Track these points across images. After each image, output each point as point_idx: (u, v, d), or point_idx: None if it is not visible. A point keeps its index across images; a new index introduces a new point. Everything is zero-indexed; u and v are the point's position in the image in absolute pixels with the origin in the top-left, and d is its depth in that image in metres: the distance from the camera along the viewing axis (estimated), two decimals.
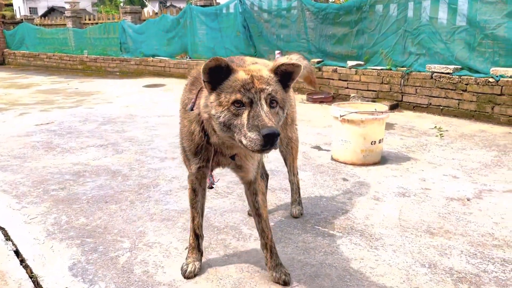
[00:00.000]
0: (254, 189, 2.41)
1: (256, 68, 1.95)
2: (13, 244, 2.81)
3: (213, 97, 1.89)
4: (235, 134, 1.84)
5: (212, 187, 2.26)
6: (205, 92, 1.96)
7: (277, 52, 8.93)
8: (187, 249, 2.56)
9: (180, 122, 2.33)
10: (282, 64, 1.95)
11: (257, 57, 7.20)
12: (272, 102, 1.88)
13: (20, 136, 5.57)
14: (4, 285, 2.37)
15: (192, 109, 2.10)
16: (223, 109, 1.85)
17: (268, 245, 2.45)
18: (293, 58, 3.24)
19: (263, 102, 1.83)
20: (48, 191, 3.69)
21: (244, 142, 1.79)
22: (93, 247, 2.76)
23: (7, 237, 2.90)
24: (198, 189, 2.45)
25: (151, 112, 7.12)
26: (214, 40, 10.93)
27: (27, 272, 2.49)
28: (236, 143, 1.88)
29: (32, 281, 2.40)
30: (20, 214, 3.24)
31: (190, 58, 11.63)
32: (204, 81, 1.89)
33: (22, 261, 2.62)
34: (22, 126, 6.19)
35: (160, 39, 12.44)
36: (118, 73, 13.34)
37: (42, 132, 5.80)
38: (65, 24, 16.43)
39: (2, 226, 3.05)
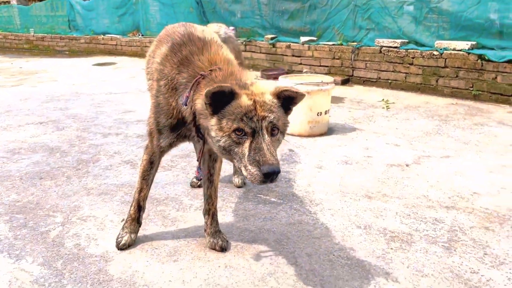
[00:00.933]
0: (216, 156, 2.37)
1: (259, 91, 1.87)
2: None
3: (214, 120, 1.82)
4: (235, 161, 1.83)
5: (200, 179, 2.23)
6: (202, 92, 1.87)
7: (231, 28, 8.77)
8: (125, 221, 2.47)
9: (154, 97, 2.20)
10: (286, 90, 1.90)
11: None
12: (273, 129, 1.83)
13: None
14: None
15: (185, 104, 2.00)
16: (224, 135, 1.80)
17: (211, 211, 2.43)
18: (221, 30, 3.12)
19: (265, 132, 1.78)
20: None
21: (244, 173, 1.77)
22: (22, 223, 2.62)
23: None
24: (156, 162, 2.38)
25: (98, 90, 6.85)
26: (167, 17, 10.60)
27: None
28: (235, 166, 1.86)
29: None
30: None
31: (142, 35, 11.26)
32: (205, 103, 1.82)
33: None
34: None
35: (111, 16, 11.96)
36: (67, 52, 12.75)
37: None
38: (9, 1, 15.48)
39: None
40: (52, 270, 2.17)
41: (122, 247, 2.36)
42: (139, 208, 2.44)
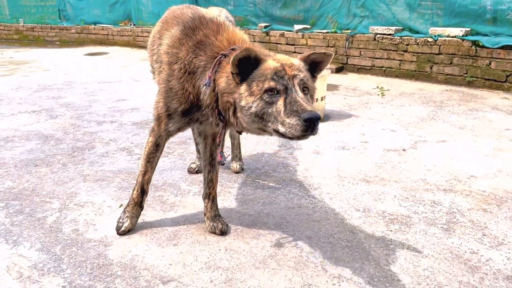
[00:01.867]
0: (217, 143, 2.33)
1: (285, 57, 1.89)
2: None
3: (243, 88, 1.80)
4: (269, 124, 1.77)
5: (224, 163, 2.17)
6: (225, 70, 1.87)
7: (210, 7, 8.70)
8: (126, 205, 2.42)
9: (165, 81, 2.16)
10: (313, 53, 1.90)
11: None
12: (304, 89, 1.82)
13: None
14: None
15: (209, 85, 1.96)
16: (255, 99, 1.77)
17: (211, 196, 2.42)
18: (222, 13, 3.11)
19: (297, 88, 1.77)
20: None
21: (282, 130, 1.72)
22: (18, 209, 2.59)
23: None
24: (162, 145, 2.34)
25: (91, 79, 6.77)
26: (159, 6, 10.47)
27: None
28: (269, 132, 1.83)
29: None
30: None
31: (134, 25, 11.12)
32: (232, 73, 1.80)
33: None
34: None
35: (102, 5, 11.78)
36: (58, 43, 12.57)
37: None
38: None
39: None
40: (51, 255, 2.15)
41: (122, 232, 2.34)
42: (143, 191, 2.40)
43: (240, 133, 2.14)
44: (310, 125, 1.67)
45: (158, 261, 2.11)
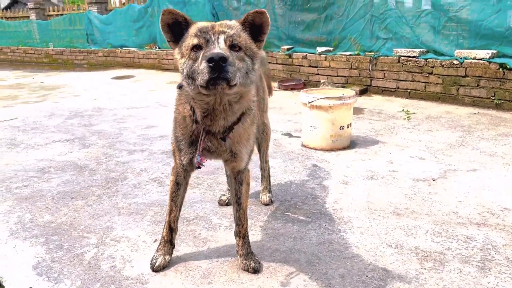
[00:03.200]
0: (241, 179, 2.38)
1: (222, 21, 1.89)
2: None
3: (176, 51, 1.83)
4: (197, 82, 1.74)
5: (199, 167, 2.16)
6: None
7: None
8: (158, 242, 2.51)
9: (175, 110, 2.25)
10: (248, 14, 1.87)
11: None
12: (234, 46, 1.77)
13: None
14: None
15: (180, 87, 2.02)
16: (185, 59, 1.79)
17: (241, 234, 2.44)
18: None
19: (221, 41, 1.74)
20: (11, 189, 3.57)
21: (197, 81, 1.71)
22: (58, 245, 2.69)
23: None
24: (182, 182, 2.39)
25: (120, 104, 6.97)
26: None
27: None
28: (199, 92, 1.80)
29: None
30: None
31: (159, 48, 11.42)
32: (167, 41, 1.83)
33: None
34: None
35: (128, 29, 12.17)
36: (85, 66, 13.00)
37: (5, 128, 5.60)
38: (29, 16, 15.86)
39: None
40: None
41: (156, 269, 2.39)
42: (171, 230, 2.47)
43: (223, 139, 2.10)
44: (214, 66, 1.62)
45: None
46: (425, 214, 2.98)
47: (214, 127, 2.05)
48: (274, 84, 8.05)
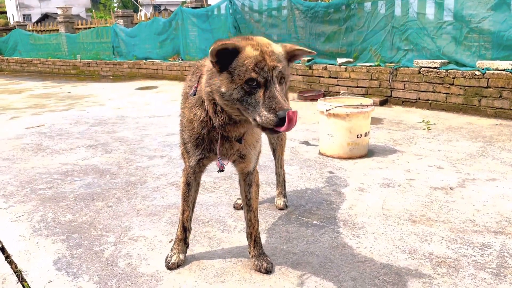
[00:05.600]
0: (250, 180, 2.43)
1: (264, 41, 1.95)
2: None
3: (224, 75, 1.89)
4: (248, 111, 1.86)
5: (223, 170, 2.21)
6: (207, 74, 2.00)
7: None
8: (173, 242, 2.58)
9: (180, 113, 2.35)
10: (298, 49, 2.00)
11: None
12: (281, 79, 1.90)
13: (10, 139, 5.59)
14: None
15: (194, 94, 2.12)
16: (236, 86, 1.86)
17: (253, 235, 2.48)
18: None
19: (275, 81, 1.85)
20: (35, 190, 3.71)
21: (259, 120, 1.82)
22: (78, 242, 2.78)
23: None
24: (193, 183, 2.46)
25: (142, 113, 7.15)
26: (206, 41, 10.97)
27: (11, 267, 2.51)
28: (246, 118, 1.91)
29: (17, 275, 2.43)
30: (7, 213, 3.27)
31: (182, 60, 11.67)
32: (212, 62, 1.90)
33: (7, 257, 2.64)
34: (12, 129, 6.21)
35: (153, 42, 12.49)
36: (111, 77, 13.37)
37: (32, 134, 5.82)
38: (58, 30, 16.48)
39: None
40: None
41: (171, 267, 2.45)
42: (184, 229, 2.54)
43: (239, 141, 2.18)
44: (283, 120, 1.77)
45: None
46: (441, 221, 2.95)
47: (233, 133, 2.13)
48: (294, 95, 8.11)
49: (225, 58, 1.88)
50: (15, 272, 2.46)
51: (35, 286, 2.32)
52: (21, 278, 2.41)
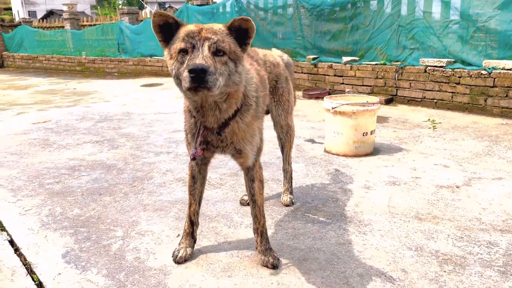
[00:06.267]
0: (252, 176, 2.44)
1: (210, 24, 1.97)
2: (8, 234, 2.86)
3: (166, 52, 1.94)
4: (182, 83, 1.83)
5: (194, 159, 2.25)
6: None
7: (273, 49, 8.98)
8: (181, 236, 2.60)
9: (184, 105, 2.36)
10: (235, 20, 1.94)
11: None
12: (218, 51, 1.85)
13: (17, 134, 5.62)
14: None
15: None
16: (173, 61, 1.88)
17: (259, 230, 2.49)
18: (284, 56, 3.31)
19: (205, 48, 1.81)
20: (43, 184, 3.74)
21: (182, 85, 1.82)
22: (86, 236, 2.81)
23: (2, 228, 2.95)
24: (197, 176, 2.49)
25: (148, 110, 7.18)
26: None
27: (21, 260, 2.54)
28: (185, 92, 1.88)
29: (26, 268, 2.45)
30: (15, 207, 3.30)
31: None
32: (159, 41, 1.94)
33: (16, 250, 2.67)
34: (19, 124, 6.25)
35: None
36: (116, 74, 13.40)
37: (39, 130, 5.86)
38: (63, 26, 16.52)
39: None
40: (116, 281, 2.31)
41: (178, 261, 2.47)
42: (191, 223, 2.56)
43: (219, 134, 2.18)
44: (195, 76, 1.72)
45: None
46: (447, 219, 2.96)
47: (207, 122, 2.13)
48: (299, 93, 8.10)
49: (169, 35, 1.92)
50: (24, 265, 2.49)
51: (44, 279, 2.35)
52: (30, 271, 2.43)
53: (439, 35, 6.70)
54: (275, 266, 2.41)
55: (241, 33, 1.96)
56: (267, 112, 3.13)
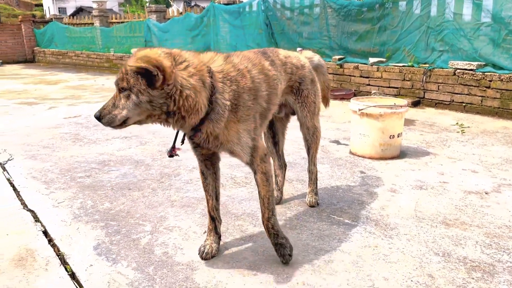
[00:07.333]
0: (254, 169, 2.46)
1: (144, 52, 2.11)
2: (42, 225, 2.97)
3: None
4: None
5: (171, 156, 2.45)
6: None
7: (298, 49, 8.96)
8: (206, 233, 2.66)
9: None
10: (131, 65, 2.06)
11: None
12: (121, 89, 2.04)
13: (49, 128, 5.81)
14: (33, 261, 2.52)
15: None
16: None
17: (264, 224, 2.49)
18: (315, 57, 3.32)
19: (116, 90, 2.09)
20: (75, 178, 3.86)
21: None
22: (116, 229, 2.89)
23: (36, 219, 3.07)
24: (206, 172, 2.55)
25: None
26: (237, 38, 11.04)
27: (54, 251, 2.64)
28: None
29: (59, 258, 2.55)
30: (49, 199, 3.42)
31: None
32: None
33: (50, 240, 2.77)
34: (51, 119, 6.45)
35: (184, 37, 12.63)
36: None
37: (70, 124, 6.03)
38: (93, 23, 16.88)
39: (32, 209, 3.23)
40: (145, 275, 2.37)
41: (205, 257, 2.52)
42: (212, 218, 2.61)
43: (191, 138, 2.37)
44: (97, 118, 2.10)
45: None
46: (475, 225, 2.92)
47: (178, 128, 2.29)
48: None
49: None
50: (57, 255, 2.58)
51: (77, 269, 2.43)
52: (63, 261, 2.53)
53: (469, 37, 6.57)
54: (286, 262, 2.46)
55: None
56: (293, 113, 3.15)
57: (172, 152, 2.43)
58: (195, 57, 2.19)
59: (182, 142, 2.40)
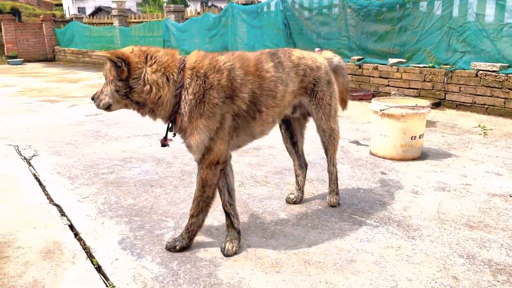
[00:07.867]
0: (198, 169, 2.51)
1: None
2: (68, 220, 3.03)
3: None
4: None
5: (163, 145, 2.62)
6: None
7: (316, 49, 8.93)
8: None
9: None
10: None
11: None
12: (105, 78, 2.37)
13: (71, 125, 5.92)
14: (60, 254, 2.58)
15: None
16: None
17: (188, 223, 2.61)
18: (335, 58, 3.29)
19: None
20: (98, 174, 3.93)
21: None
22: (140, 225, 2.93)
23: (62, 213, 3.14)
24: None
25: None
26: (255, 38, 11.06)
27: (80, 244, 2.69)
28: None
29: (86, 252, 2.60)
30: (74, 194, 3.49)
31: None
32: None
33: (76, 234, 2.83)
34: (73, 116, 6.57)
35: (202, 37, 12.71)
36: None
37: (91, 122, 6.13)
38: (112, 23, 17.11)
39: (58, 204, 3.30)
40: (169, 270, 2.41)
41: (226, 253, 2.55)
42: (226, 214, 2.64)
43: (170, 130, 2.58)
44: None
45: (262, 286, 2.26)
46: (500, 228, 2.88)
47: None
48: None
49: None
50: (84, 249, 2.64)
51: (103, 263, 2.48)
52: (89, 255, 2.58)
53: (492, 38, 6.47)
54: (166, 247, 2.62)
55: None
56: (309, 114, 3.12)
57: (164, 142, 2.60)
58: (169, 56, 2.37)
59: (174, 134, 2.52)
